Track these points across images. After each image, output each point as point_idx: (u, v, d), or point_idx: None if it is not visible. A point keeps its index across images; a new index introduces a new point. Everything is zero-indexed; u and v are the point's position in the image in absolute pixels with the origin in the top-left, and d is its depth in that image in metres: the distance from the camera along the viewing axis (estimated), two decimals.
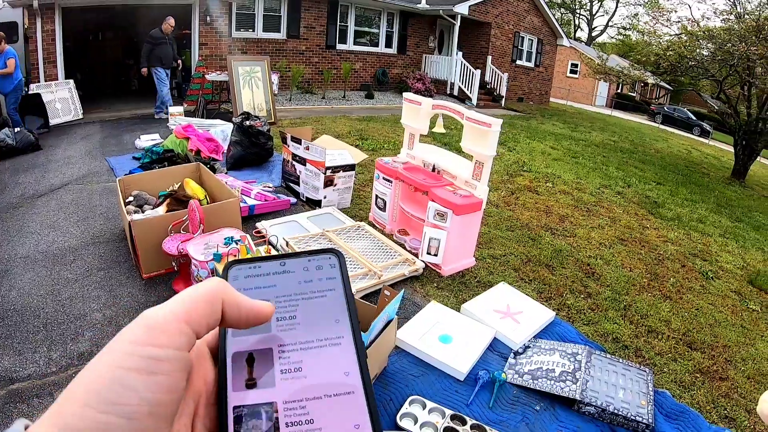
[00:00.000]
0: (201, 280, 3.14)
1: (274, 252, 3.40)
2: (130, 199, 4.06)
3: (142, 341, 0.31)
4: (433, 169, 4.11)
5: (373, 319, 2.43)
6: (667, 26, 28.84)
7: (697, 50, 13.02)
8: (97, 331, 2.90)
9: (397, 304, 2.54)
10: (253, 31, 12.11)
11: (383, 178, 4.35)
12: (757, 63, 11.00)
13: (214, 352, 0.39)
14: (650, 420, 2.71)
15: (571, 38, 38.72)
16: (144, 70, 8.25)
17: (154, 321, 0.32)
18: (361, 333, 2.33)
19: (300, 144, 4.96)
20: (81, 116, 8.53)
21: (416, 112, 4.26)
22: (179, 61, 8.80)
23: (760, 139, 12.52)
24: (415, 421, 2.47)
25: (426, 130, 4.30)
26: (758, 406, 1.38)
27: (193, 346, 0.34)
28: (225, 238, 3.29)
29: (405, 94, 4.40)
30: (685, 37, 13.25)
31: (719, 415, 3.17)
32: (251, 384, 0.36)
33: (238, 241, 3.30)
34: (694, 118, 29.82)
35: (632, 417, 2.71)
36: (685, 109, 31.65)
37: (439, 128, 4.25)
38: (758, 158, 14.05)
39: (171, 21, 8.12)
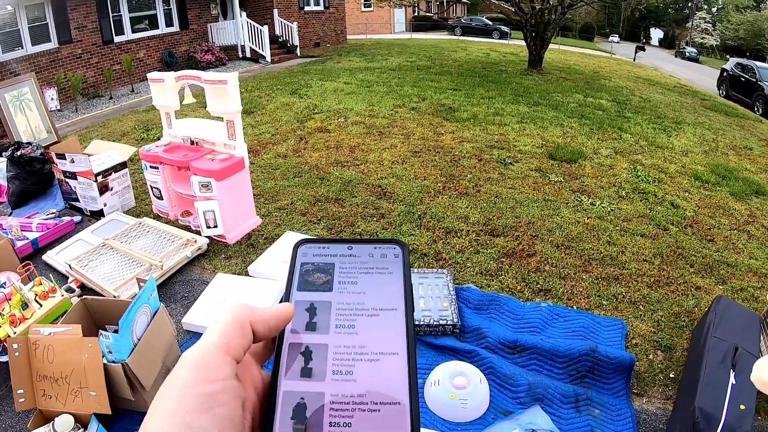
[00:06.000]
0: None
1: (46, 282, 3.06)
2: None
3: (194, 382, 0.32)
4: (192, 142, 3.89)
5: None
6: None
7: None
8: None
9: (150, 292, 2.36)
10: (22, 48, 10.63)
11: (150, 167, 4.05)
12: None
13: (256, 357, 0.41)
14: (455, 320, 2.79)
15: None
16: None
17: (201, 359, 0.33)
18: (126, 334, 2.12)
19: (65, 159, 4.50)
20: None
21: (163, 89, 3.98)
22: None
23: (549, 29, 13.57)
24: None
25: (177, 105, 4.05)
26: (752, 373, 1.43)
27: (236, 372, 0.35)
28: None
29: (149, 75, 4.08)
30: None
31: (532, 290, 3.30)
32: (304, 373, 0.38)
33: (4, 284, 2.99)
34: (491, 23, 31.66)
35: (435, 322, 2.77)
36: (483, 18, 33.44)
37: (188, 99, 4.02)
38: (553, 46, 15.29)
39: None
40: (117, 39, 12.63)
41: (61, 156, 4.57)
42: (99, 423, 2.03)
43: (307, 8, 18.18)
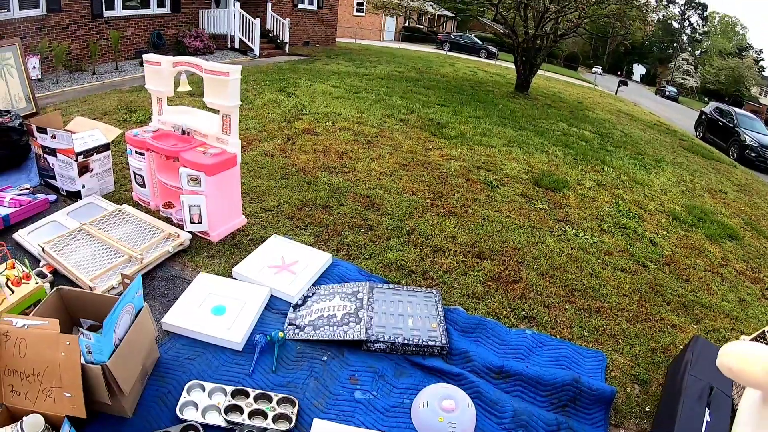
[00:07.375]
0: None
1: (20, 267, 2.89)
2: None
3: None
4: (183, 132, 3.77)
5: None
6: None
7: None
8: None
9: (136, 291, 2.26)
10: (9, 11, 10.19)
11: (136, 152, 3.91)
12: None
13: None
14: (444, 341, 2.75)
15: None
16: None
17: None
18: (109, 335, 2.00)
19: (46, 134, 4.31)
20: None
21: (158, 73, 3.85)
22: None
23: (539, 55, 13.82)
24: (197, 408, 2.27)
25: (172, 91, 3.92)
26: (718, 359, 1.43)
27: None
28: None
29: (145, 57, 3.96)
30: None
31: (518, 317, 3.29)
32: None
33: None
34: (480, 42, 32.11)
35: (424, 343, 2.73)
36: (472, 35, 33.87)
37: (183, 86, 3.89)
38: (539, 71, 15.62)
39: None
40: (107, 13, 12.30)
41: (42, 130, 4.38)
42: (71, 426, 1.92)
43: (300, 6, 18.13)
